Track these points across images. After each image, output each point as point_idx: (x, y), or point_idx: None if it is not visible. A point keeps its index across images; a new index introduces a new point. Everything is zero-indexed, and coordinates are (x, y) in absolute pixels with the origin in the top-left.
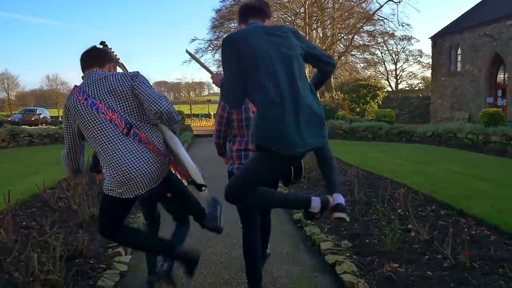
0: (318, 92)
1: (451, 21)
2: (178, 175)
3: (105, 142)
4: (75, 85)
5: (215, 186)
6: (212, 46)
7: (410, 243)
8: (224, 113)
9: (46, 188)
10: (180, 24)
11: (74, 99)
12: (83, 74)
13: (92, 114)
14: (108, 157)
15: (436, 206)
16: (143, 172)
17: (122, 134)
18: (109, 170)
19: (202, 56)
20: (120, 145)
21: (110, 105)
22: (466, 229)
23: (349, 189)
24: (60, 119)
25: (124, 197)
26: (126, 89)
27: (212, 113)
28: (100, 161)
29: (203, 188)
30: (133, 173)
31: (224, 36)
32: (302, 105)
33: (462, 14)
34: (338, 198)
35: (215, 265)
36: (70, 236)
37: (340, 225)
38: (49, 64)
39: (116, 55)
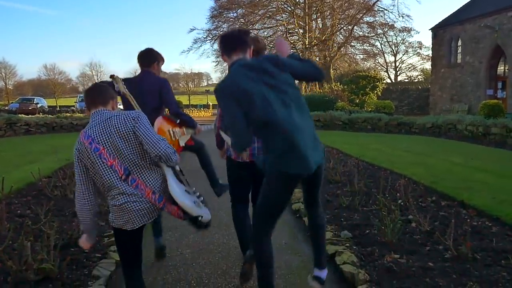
0: (316, 84)
1: (452, 12)
2: (174, 214)
3: (107, 186)
4: (82, 130)
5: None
6: (211, 36)
7: (411, 233)
8: None
9: (42, 177)
10: (178, 13)
11: (81, 143)
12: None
13: (96, 158)
14: (111, 204)
15: (437, 197)
16: (135, 215)
17: (121, 179)
18: (111, 208)
19: (201, 46)
20: (119, 193)
21: (116, 146)
22: (468, 220)
23: (349, 179)
24: (57, 109)
25: (124, 228)
26: (129, 130)
27: (211, 104)
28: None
29: (199, 218)
30: (127, 216)
31: (222, 32)
32: (302, 129)
33: (463, 5)
34: (323, 274)
35: (213, 255)
36: (65, 225)
37: (340, 216)
38: (47, 54)
39: (124, 87)
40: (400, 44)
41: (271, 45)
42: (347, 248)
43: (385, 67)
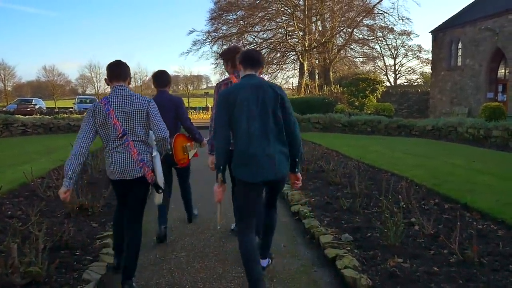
0: (316, 86)
1: (452, 15)
2: (148, 177)
3: (106, 138)
4: (105, 96)
5: (210, 173)
6: (211, 38)
7: (414, 237)
8: (217, 96)
9: (36, 178)
10: (178, 15)
11: (99, 104)
12: (109, 82)
13: (105, 116)
14: (107, 154)
15: (440, 200)
16: (118, 169)
17: (117, 136)
18: (106, 161)
19: (200, 48)
20: (114, 146)
21: (126, 114)
22: (473, 223)
23: (349, 181)
24: (55, 110)
25: (112, 178)
26: (143, 108)
27: (210, 106)
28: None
29: (160, 190)
30: (113, 168)
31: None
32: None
33: (463, 8)
34: (264, 263)
35: (208, 258)
36: (56, 226)
37: (341, 218)
38: (46, 55)
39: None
40: (400, 47)
41: (271, 47)
42: (348, 252)
43: (385, 70)
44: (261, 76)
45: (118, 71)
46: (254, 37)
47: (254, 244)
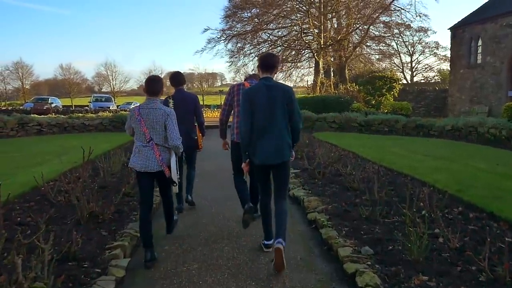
0: (332, 84)
1: (472, 12)
2: (166, 173)
3: (137, 141)
4: (138, 105)
5: (223, 176)
6: (225, 36)
7: (439, 251)
8: (229, 96)
9: (48, 180)
10: (193, 13)
11: (134, 113)
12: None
13: (137, 123)
14: (136, 150)
15: (464, 208)
16: (143, 164)
17: (145, 140)
18: (133, 154)
19: (215, 46)
20: (142, 145)
21: (151, 123)
22: (501, 235)
23: (368, 186)
24: (72, 108)
25: (138, 171)
26: (161, 120)
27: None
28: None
29: (174, 184)
30: (139, 163)
31: (238, 26)
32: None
33: (483, 4)
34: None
35: (221, 271)
36: (64, 236)
37: (360, 228)
38: (63, 54)
39: (172, 105)
40: (417, 44)
41: (285, 45)
42: (369, 267)
43: (401, 67)
44: (275, 74)
45: (152, 88)
46: (268, 35)
47: (269, 205)
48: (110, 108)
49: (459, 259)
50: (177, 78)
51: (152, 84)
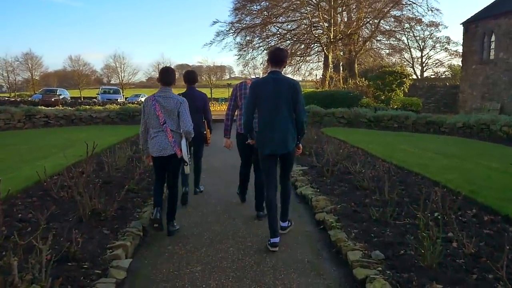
0: (341, 79)
1: (485, 6)
2: (178, 153)
3: (151, 125)
4: (152, 94)
5: (229, 172)
6: (234, 29)
7: (453, 256)
8: (233, 92)
9: (51, 175)
10: (201, 6)
11: (148, 100)
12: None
13: (152, 108)
14: (150, 139)
15: (478, 210)
16: (158, 148)
17: (159, 123)
18: (149, 141)
19: (224, 39)
20: (156, 131)
21: (167, 109)
22: None
23: (378, 185)
24: (80, 100)
25: (154, 155)
26: (175, 108)
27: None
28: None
29: (186, 164)
30: (155, 147)
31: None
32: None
33: None
34: (284, 224)
35: (225, 275)
36: (64, 234)
37: (370, 230)
38: (72, 45)
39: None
40: (428, 39)
41: (294, 38)
42: (380, 273)
43: (411, 62)
44: (284, 68)
45: (166, 78)
46: (278, 28)
47: (275, 201)
48: (118, 100)
49: (475, 266)
50: (191, 76)
51: (166, 75)
